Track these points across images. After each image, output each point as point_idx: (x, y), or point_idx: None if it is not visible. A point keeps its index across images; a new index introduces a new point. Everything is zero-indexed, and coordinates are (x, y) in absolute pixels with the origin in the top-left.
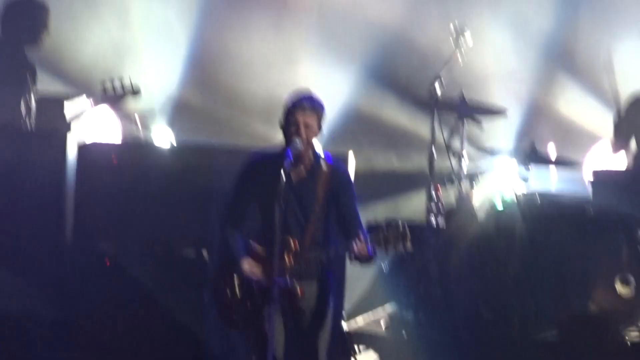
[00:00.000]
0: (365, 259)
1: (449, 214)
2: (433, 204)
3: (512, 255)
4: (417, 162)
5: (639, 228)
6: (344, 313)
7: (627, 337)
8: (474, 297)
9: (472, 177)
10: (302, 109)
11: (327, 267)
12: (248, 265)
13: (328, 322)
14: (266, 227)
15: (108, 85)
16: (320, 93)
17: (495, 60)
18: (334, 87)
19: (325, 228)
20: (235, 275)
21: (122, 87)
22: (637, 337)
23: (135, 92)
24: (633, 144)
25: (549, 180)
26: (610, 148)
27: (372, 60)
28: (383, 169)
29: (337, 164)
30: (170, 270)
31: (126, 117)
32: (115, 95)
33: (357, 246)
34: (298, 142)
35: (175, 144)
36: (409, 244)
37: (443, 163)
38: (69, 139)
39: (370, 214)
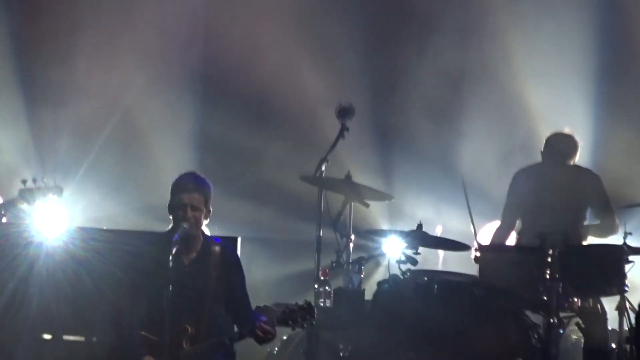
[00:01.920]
0: (267, 340)
1: (337, 295)
2: (321, 287)
3: (400, 334)
4: (305, 241)
5: (525, 309)
6: None
7: None
8: None
9: (359, 258)
10: (187, 190)
11: (217, 351)
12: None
13: None
14: (159, 314)
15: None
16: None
17: (384, 141)
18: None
19: (221, 311)
20: None
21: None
22: None
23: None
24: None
25: (436, 259)
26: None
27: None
28: (270, 252)
29: (227, 246)
30: (59, 357)
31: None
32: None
33: (264, 328)
34: (185, 225)
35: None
36: (314, 320)
37: (331, 242)
38: None
39: (258, 295)
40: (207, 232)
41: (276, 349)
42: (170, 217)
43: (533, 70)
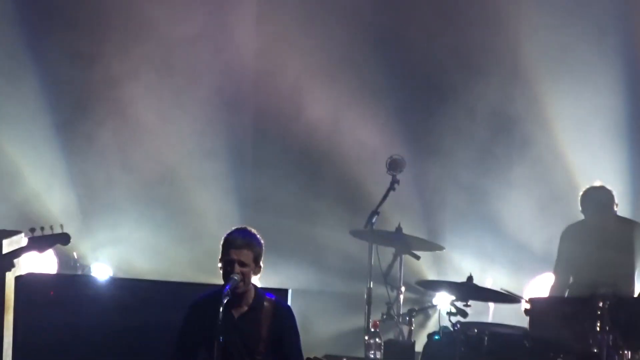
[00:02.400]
0: None
1: (387, 347)
2: (371, 339)
3: None
4: (356, 294)
5: None
6: None
7: None
8: None
9: (410, 310)
10: (235, 247)
11: None
12: None
13: None
14: None
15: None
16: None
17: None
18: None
19: None
20: None
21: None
22: None
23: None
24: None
25: (487, 310)
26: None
27: (312, 192)
28: (321, 304)
29: (279, 300)
30: None
31: (63, 255)
32: (43, 240)
33: None
34: (236, 277)
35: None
36: None
37: (382, 295)
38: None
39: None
40: (259, 285)
41: None
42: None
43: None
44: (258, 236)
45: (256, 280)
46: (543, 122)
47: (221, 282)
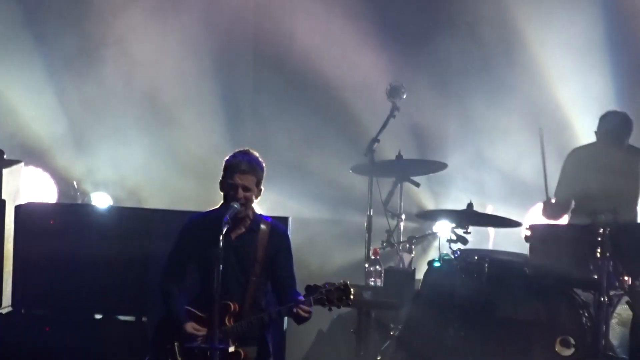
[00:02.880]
0: (304, 320)
1: (387, 274)
2: (371, 266)
3: (450, 314)
4: (356, 223)
5: (576, 288)
6: None
7: None
8: (416, 357)
9: (410, 238)
10: (239, 171)
11: (267, 329)
12: (190, 328)
13: None
14: (205, 288)
15: None
16: (260, 153)
17: (434, 119)
18: (274, 147)
19: (265, 289)
20: (175, 340)
21: None
22: None
23: None
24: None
25: (487, 239)
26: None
27: (312, 120)
28: (321, 233)
29: (276, 223)
30: (110, 336)
31: (63, 183)
32: None
33: (300, 308)
34: (236, 206)
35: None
36: (350, 301)
37: (382, 224)
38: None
39: (310, 275)
40: (257, 210)
41: (327, 327)
42: (222, 194)
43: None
44: (261, 160)
45: (255, 206)
46: (542, 48)
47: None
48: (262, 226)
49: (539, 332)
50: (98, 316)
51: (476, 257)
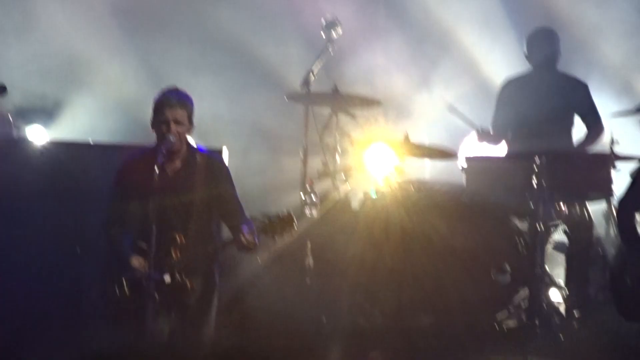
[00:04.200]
0: (250, 249)
1: (324, 205)
2: (307, 197)
3: (388, 243)
4: (292, 155)
5: (512, 216)
6: None
7: (503, 324)
8: (352, 287)
9: (346, 169)
10: (169, 106)
11: (213, 260)
12: (136, 262)
13: (213, 316)
14: (148, 224)
15: None
16: (190, 90)
17: (369, 53)
18: (205, 83)
19: (209, 220)
20: (123, 273)
21: None
22: (512, 323)
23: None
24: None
25: (423, 169)
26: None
27: (243, 56)
28: (257, 163)
29: (213, 155)
30: (45, 268)
31: None
32: None
33: (245, 237)
34: (171, 138)
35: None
36: (294, 230)
37: (318, 156)
38: None
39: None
40: (192, 143)
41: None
42: (154, 132)
43: None
44: (189, 94)
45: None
46: None
47: None
48: (199, 158)
49: (475, 260)
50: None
51: (413, 188)
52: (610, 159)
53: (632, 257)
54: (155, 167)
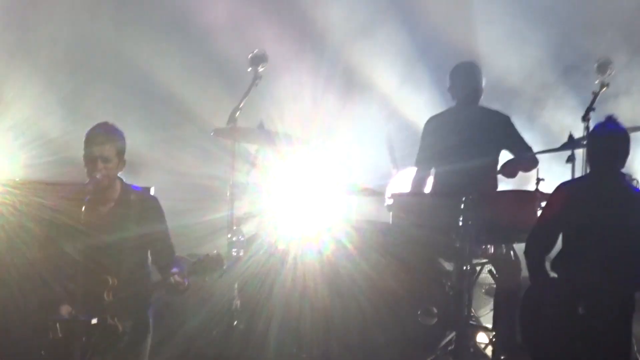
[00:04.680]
0: (180, 290)
1: (250, 244)
2: (234, 236)
3: (315, 284)
4: (219, 194)
5: (439, 256)
6: None
7: None
8: (279, 329)
9: (274, 209)
10: (96, 142)
11: (147, 303)
12: (65, 307)
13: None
14: (78, 264)
15: None
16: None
17: (296, 89)
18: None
19: (142, 261)
20: (54, 315)
21: None
22: None
23: None
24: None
25: (350, 207)
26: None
27: (169, 92)
28: (184, 202)
29: (147, 193)
30: None
31: None
32: None
33: (175, 279)
34: (97, 175)
35: None
36: (222, 271)
37: (245, 194)
38: None
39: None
40: (125, 180)
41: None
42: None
43: None
44: (120, 130)
45: (123, 177)
46: None
47: None
48: (133, 197)
49: (402, 302)
50: None
51: (339, 226)
52: (536, 197)
53: (543, 297)
54: (83, 209)
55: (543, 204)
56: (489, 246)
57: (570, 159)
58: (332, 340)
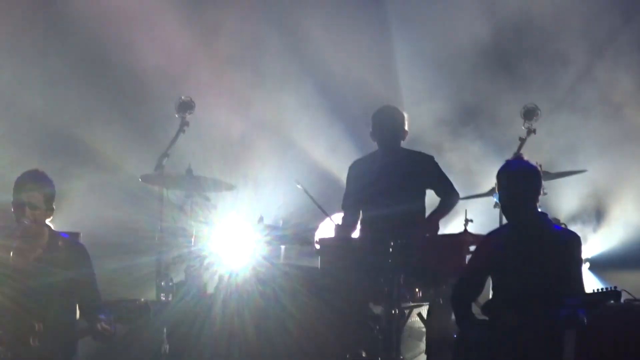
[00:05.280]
0: (107, 337)
1: (179, 289)
2: (162, 281)
3: (243, 326)
4: (147, 240)
5: (367, 300)
6: None
7: None
8: None
9: (202, 253)
10: (25, 189)
11: (72, 348)
12: None
13: None
14: (4, 310)
15: None
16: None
17: (224, 135)
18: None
19: (69, 307)
20: None
21: None
22: None
23: None
24: None
25: (278, 251)
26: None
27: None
28: (112, 248)
29: (73, 239)
30: None
31: None
32: None
33: (102, 325)
34: (25, 221)
35: None
36: (149, 317)
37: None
38: None
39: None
40: (53, 227)
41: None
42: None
43: None
44: (49, 178)
45: (51, 225)
46: None
47: None
48: (60, 243)
49: (330, 346)
50: None
51: (270, 267)
52: (464, 241)
53: (471, 341)
54: (10, 255)
55: (472, 247)
56: (417, 290)
57: (498, 205)
58: None
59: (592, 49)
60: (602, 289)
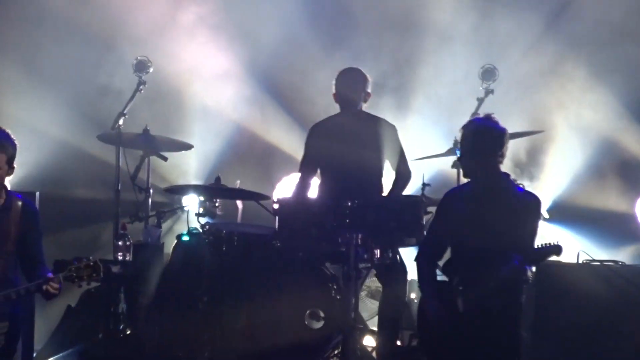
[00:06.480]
0: (53, 296)
1: (136, 248)
2: (120, 241)
3: (200, 288)
4: (104, 199)
5: (325, 262)
6: (34, 354)
7: None
8: (165, 333)
9: (158, 212)
10: None
11: (16, 305)
12: None
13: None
14: None
15: None
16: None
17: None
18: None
19: (15, 265)
20: None
21: None
22: None
23: None
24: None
25: (235, 211)
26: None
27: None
28: (70, 207)
29: (28, 201)
30: None
31: None
32: None
33: (50, 285)
34: None
35: None
36: (100, 277)
37: (130, 198)
38: None
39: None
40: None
41: (75, 302)
42: None
43: None
44: (12, 137)
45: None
46: None
47: None
48: (15, 203)
49: (288, 306)
50: None
51: (224, 231)
52: (421, 203)
53: (430, 305)
54: None
55: (429, 208)
56: (375, 251)
57: (456, 165)
58: (218, 345)
59: None
60: (544, 244)
